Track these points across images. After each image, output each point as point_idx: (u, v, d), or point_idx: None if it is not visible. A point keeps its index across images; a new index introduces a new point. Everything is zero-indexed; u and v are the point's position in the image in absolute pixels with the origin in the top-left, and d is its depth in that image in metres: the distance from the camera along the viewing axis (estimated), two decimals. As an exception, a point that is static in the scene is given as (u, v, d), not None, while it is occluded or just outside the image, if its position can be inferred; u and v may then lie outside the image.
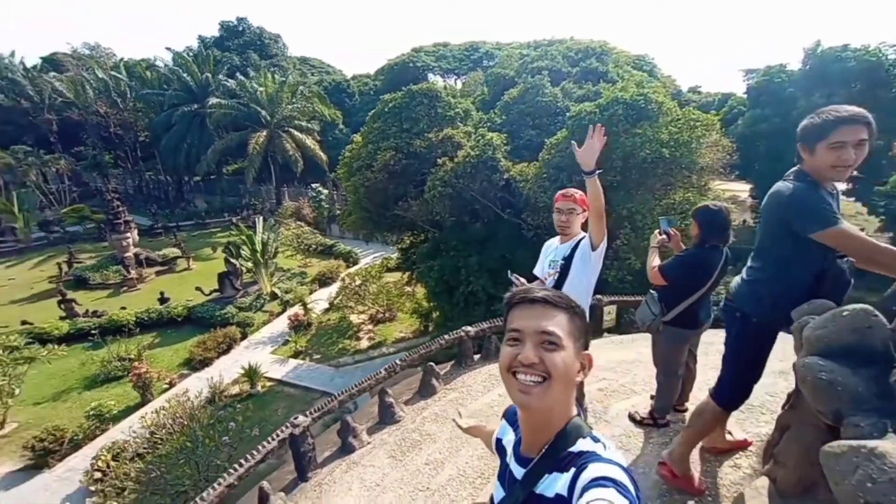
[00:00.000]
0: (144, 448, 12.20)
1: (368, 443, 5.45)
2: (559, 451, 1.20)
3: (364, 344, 19.09)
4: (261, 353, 18.30)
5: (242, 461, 4.72)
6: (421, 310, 19.62)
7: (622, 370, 5.11)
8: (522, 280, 3.39)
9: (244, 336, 19.67)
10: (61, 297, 20.58)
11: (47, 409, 15.07)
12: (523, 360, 1.17)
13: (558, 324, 1.20)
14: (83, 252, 29.29)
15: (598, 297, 7.25)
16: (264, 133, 35.40)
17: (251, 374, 16.07)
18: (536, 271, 3.50)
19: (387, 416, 5.74)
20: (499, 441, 1.53)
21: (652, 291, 3.58)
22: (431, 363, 6.18)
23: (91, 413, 14.12)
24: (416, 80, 28.80)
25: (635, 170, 11.28)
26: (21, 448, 13.00)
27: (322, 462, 5.32)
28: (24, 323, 19.45)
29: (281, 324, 20.84)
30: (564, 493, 1.11)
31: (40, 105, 43.07)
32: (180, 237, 30.88)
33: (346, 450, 5.37)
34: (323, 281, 25.04)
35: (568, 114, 12.53)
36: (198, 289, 21.99)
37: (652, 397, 3.95)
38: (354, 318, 20.77)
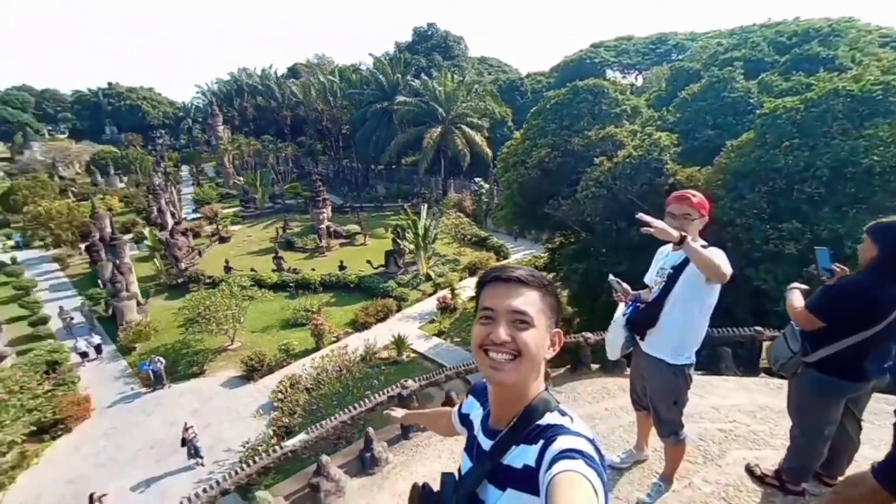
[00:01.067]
0: (311, 384, 14.99)
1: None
2: (528, 424, 1.22)
3: (501, 335, 19.56)
4: (410, 327, 20.40)
5: (358, 404, 5.56)
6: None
7: (762, 416, 4.30)
8: (625, 286, 3.24)
9: (399, 309, 22.17)
10: (275, 255, 26.31)
11: (256, 337, 19.68)
12: (495, 338, 1.19)
13: (530, 302, 1.22)
14: (294, 221, 36.70)
15: (758, 328, 6.10)
16: (439, 129, 38.57)
17: (399, 343, 18.12)
18: (647, 279, 3.27)
19: None
20: (465, 416, 1.57)
21: (793, 323, 2.97)
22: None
23: (281, 347, 17.95)
24: (591, 76, 27.62)
25: (852, 182, 8.84)
26: (240, 362, 17.35)
27: (423, 427, 5.88)
28: (251, 270, 25.55)
29: (430, 304, 22.79)
30: (532, 464, 1.14)
31: (281, 104, 55.25)
32: (362, 216, 36.16)
33: None
34: (473, 270, 26.37)
35: (758, 111, 10.46)
36: (368, 262, 25.55)
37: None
38: (496, 310, 21.40)
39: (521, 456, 1.19)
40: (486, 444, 1.33)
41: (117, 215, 36.35)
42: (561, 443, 1.10)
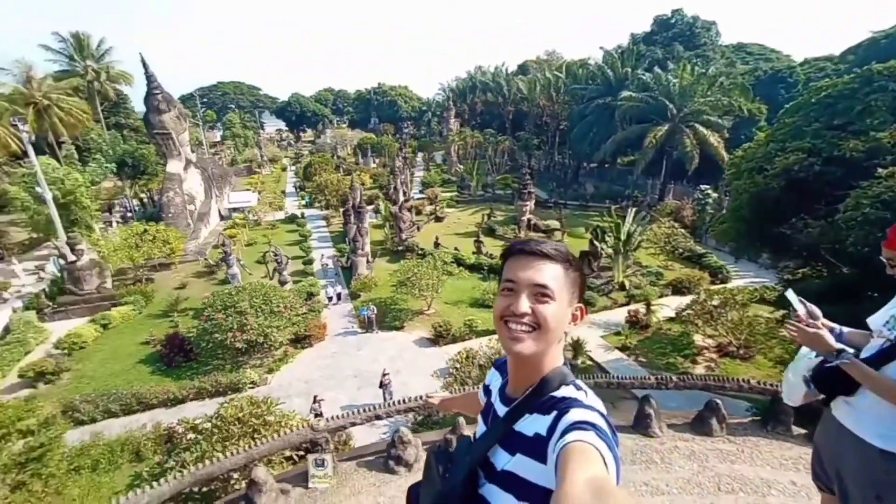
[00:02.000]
0: (484, 361, 15.98)
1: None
2: (542, 395, 1.24)
3: (699, 370, 16.81)
4: (591, 333, 19.47)
5: None
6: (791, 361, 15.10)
7: None
8: (811, 307, 2.56)
9: (582, 312, 21.32)
10: (476, 239, 28.60)
11: (448, 308, 22.02)
12: (515, 310, 1.21)
13: (552, 276, 1.22)
14: (499, 210, 38.92)
15: None
16: (665, 127, 34.59)
17: (576, 347, 17.55)
18: (872, 321, 2.46)
19: (641, 426, 5.43)
20: (486, 387, 1.59)
21: None
22: (717, 400, 5.17)
23: (466, 322, 19.63)
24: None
25: None
26: (431, 326, 19.85)
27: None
28: (455, 248, 28.47)
29: (619, 314, 21.17)
30: (543, 433, 1.16)
31: (507, 100, 58.52)
32: (564, 213, 35.74)
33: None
34: (678, 288, 23.20)
35: None
36: (560, 259, 25.27)
37: None
38: (699, 339, 18.44)
39: (533, 424, 1.22)
40: (501, 410, 1.38)
41: (367, 189, 45.25)
42: (574, 415, 1.11)
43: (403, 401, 5.90)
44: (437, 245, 29.21)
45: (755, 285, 21.89)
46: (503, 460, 1.26)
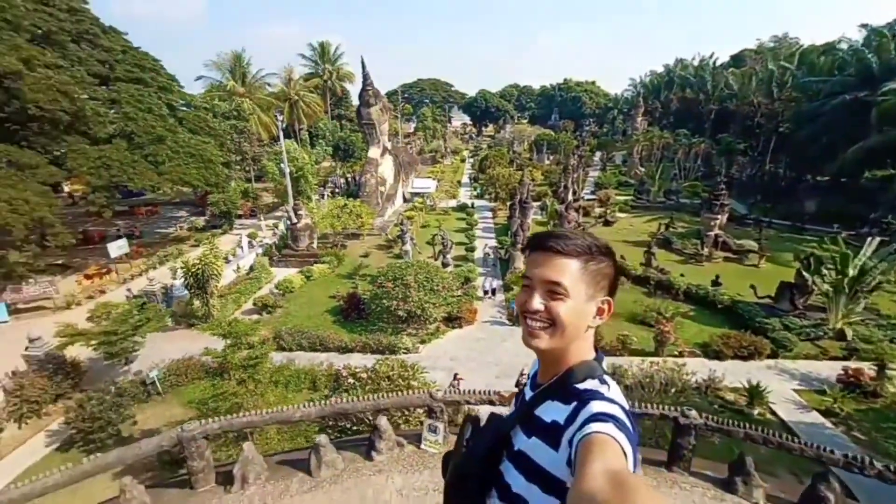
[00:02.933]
0: (632, 383, 14.60)
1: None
2: (565, 385, 1.24)
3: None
4: (781, 383, 15.93)
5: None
6: None
7: None
8: None
9: (773, 355, 17.53)
10: (648, 249, 25.94)
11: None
12: (528, 307, 1.23)
13: (567, 273, 1.18)
14: (681, 221, 34.46)
15: None
16: (956, 132, 25.20)
17: (753, 392, 14.61)
18: None
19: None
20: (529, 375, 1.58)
21: None
22: None
23: (619, 337, 18.12)
24: None
25: None
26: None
27: (693, 472, 4.88)
28: (621, 257, 26.23)
29: (826, 368, 16.75)
30: (561, 421, 1.18)
31: (709, 97, 50.68)
32: (765, 233, 29.59)
33: (726, 485, 4.62)
34: (935, 353, 17.01)
35: None
36: (752, 287, 21.12)
37: None
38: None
39: (552, 411, 1.24)
40: (528, 394, 1.42)
41: (536, 185, 45.18)
42: (594, 406, 1.11)
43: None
44: (600, 250, 27.56)
45: None
46: (521, 441, 1.31)
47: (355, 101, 49.61)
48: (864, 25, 37.55)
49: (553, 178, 48.39)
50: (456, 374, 15.24)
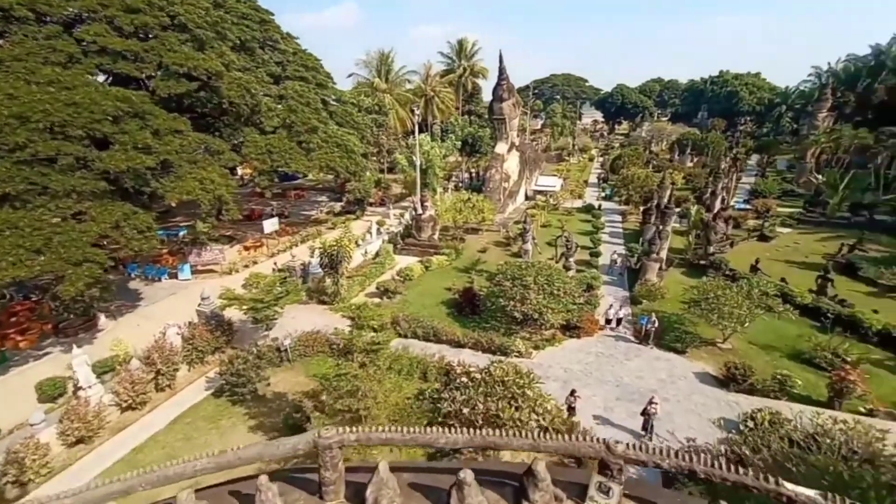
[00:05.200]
0: (802, 439, 11.83)
1: None
2: None
3: None
4: None
5: None
6: None
7: None
8: None
9: None
10: (823, 273, 21.15)
11: (752, 350, 17.40)
12: None
13: None
14: (874, 243, 27.53)
15: None
16: None
17: None
18: None
19: None
20: None
21: None
22: None
23: (776, 375, 14.96)
24: None
25: None
26: (722, 363, 16.15)
27: None
28: (782, 280, 22.02)
29: None
30: None
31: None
32: None
33: None
34: None
35: None
36: None
37: None
38: None
39: None
40: None
41: (677, 190, 40.37)
42: None
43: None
44: (755, 269, 23.36)
45: None
46: None
47: (486, 97, 49.93)
48: None
49: (697, 183, 42.75)
50: (573, 391, 14.12)
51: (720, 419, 13.82)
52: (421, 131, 39.56)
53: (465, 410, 11.04)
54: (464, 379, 11.99)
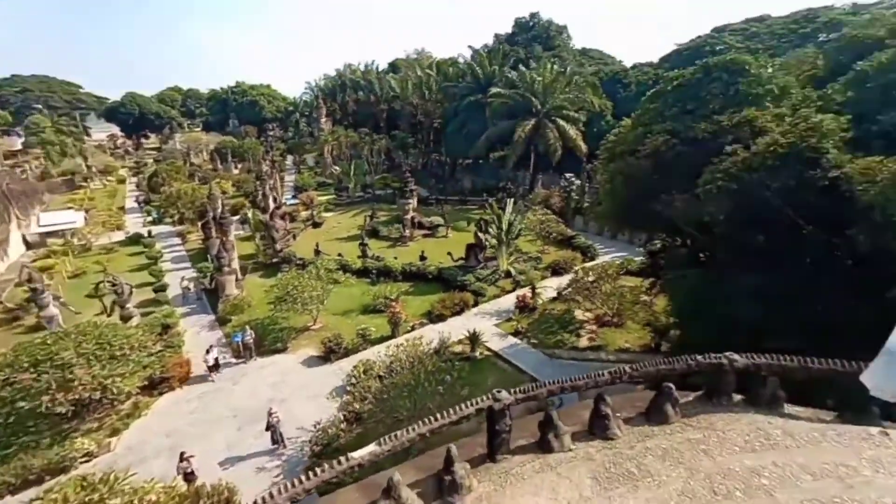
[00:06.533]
0: (383, 372, 14.69)
1: (570, 450, 4.70)
2: None
3: (583, 343, 17.88)
4: (485, 323, 19.45)
5: (440, 416, 4.69)
6: (656, 324, 16.88)
7: None
8: None
9: (475, 303, 21.33)
10: (361, 241, 26.91)
11: (337, 320, 20.10)
12: None
13: None
14: (381, 210, 37.59)
15: None
16: (532, 122, 36.89)
17: (473, 339, 17.27)
18: None
19: (598, 428, 4.82)
20: None
21: None
22: (670, 385, 4.84)
23: (359, 332, 18.07)
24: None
25: None
26: (320, 342, 17.78)
27: (514, 449, 4.87)
28: (338, 255, 26.39)
29: (508, 301, 21.62)
30: None
31: (379, 99, 57.14)
32: (446, 209, 35.91)
33: (543, 447, 4.77)
34: (556, 270, 24.67)
35: None
36: (448, 254, 25.04)
37: None
38: (579, 314, 19.66)
39: None
40: None
41: (229, 198, 40.04)
42: None
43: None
44: (317, 252, 26.80)
45: (619, 259, 24.26)
46: None
47: None
48: (470, 47, 50.17)
49: (247, 188, 44.20)
50: (183, 454, 11.48)
51: (332, 391, 15.14)
52: None
53: None
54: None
